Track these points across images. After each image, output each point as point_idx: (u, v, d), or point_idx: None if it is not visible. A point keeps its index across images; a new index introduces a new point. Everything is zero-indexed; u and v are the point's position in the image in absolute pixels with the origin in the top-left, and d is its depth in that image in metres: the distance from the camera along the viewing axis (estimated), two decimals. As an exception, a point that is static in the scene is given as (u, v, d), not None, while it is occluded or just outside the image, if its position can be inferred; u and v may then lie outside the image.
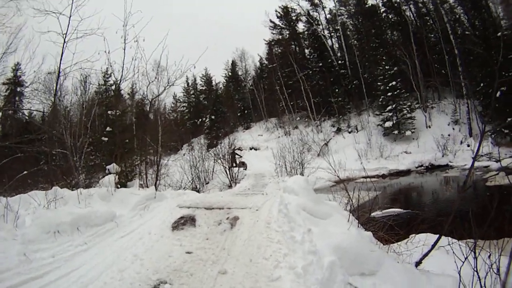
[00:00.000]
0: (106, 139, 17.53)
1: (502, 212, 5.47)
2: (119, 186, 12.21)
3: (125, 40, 13.46)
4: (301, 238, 6.26)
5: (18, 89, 32.71)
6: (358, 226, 7.13)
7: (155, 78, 14.63)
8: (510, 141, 28.25)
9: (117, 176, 12.41)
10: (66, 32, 13.04)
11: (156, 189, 12.68)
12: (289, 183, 8.82)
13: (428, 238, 7.78)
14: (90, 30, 13.06)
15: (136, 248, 6.84)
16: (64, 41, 13.11)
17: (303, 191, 8.19)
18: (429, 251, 6.93)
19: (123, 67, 13.79)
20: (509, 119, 26.70)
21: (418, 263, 6.91)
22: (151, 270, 5.82)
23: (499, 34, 30.49)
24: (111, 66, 13.90)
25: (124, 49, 13.53)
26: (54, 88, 14.76)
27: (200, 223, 8.12)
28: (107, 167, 13.18)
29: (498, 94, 26.89)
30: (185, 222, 8.14)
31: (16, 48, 14.47)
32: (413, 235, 8.32)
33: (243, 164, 31.73)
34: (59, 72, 13.62)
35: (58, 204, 8.70)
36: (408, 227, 8.53)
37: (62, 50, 13.19)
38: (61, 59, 13.33)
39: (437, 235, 7.12)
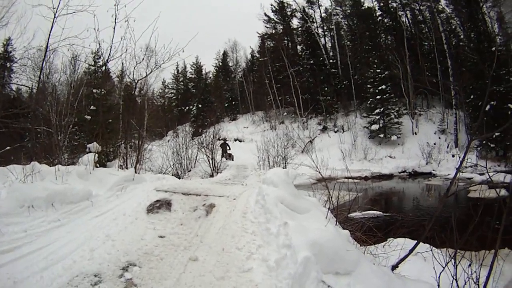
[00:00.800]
0: (89, 117, 17.28)
1: (483, 224, 5.42)
2: (98, 165, 12.07)
3: (115, 19, 13.34)
4: (276, 230, 6.13)
5: (8, 64, 31.93)
6: (336, 224, 7.09)
7: (143, 59, 14.53)
8: (495, 155, 28.46)
9: (96, 155, 12.20)
10: (57, 7, 12.73)
11: (135, 172, 12.69)
12: (269, 175, 8.63)
13: (406, 243, 7.76)
14: (82, 6, 12.73)
15: (109, 229, 6.70)
16: (55, 16, 12.80)
17: (283, 184, 8.04)
18: (406, 255, 6.92)
19: (111, 46, 13.62)
20: (497, 133, 26.68)
21: (394, 267, 6.88)
22: (122, 252, 5.71)
23: (493, 48, 30.65)
24: (99, 44, 13.85)
25: (114, 28, 13.44)
26: (41, 62, 14.44)
27: (175, 208, 8.00)
28: (88, 145, 12.93)
29: (487, 107, 27.26)
30: (160, 205, 8.01)
31: (7, 22, 14.36)
32: (391, 238, 8.26)
33: (229, 156, 31.28)
34: (47, 47, 13.30)
35: (35, 179, 8.74)
36: (386, 230, 8.41)
37: (52, 24, 12.88)
38: (49, 34, 13.03)
39: (415, 241, 7.10)
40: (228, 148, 32.02)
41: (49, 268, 5.11)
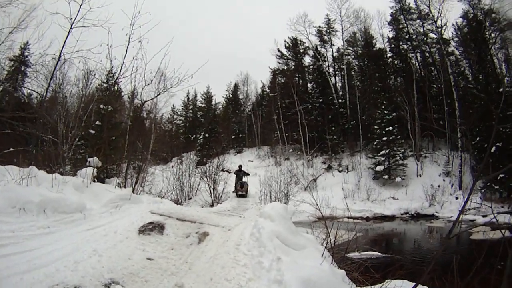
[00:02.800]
0: (94, 132, 17.22)
1: (486, 266, 5.19)
2: (95, 180, 11.97)
3: (129, 38, 13.61)
4: (269, 265, 5.94)
5: (22, 68, 32.21)
6: (332, 263, 6.80)
7: (151, 81, 14.67)
8: (499, 196, 28.27)
9: (95, 170, 12.13)
10: (75, 19, 13.14)
11: (133, 192, 12.53)
12: (267, 209, 8.47)
13: (404, 285, 7.30)
14: (97, 21, 13.04)
15: (98, 244, 6.55)
16: (71, 27, 13.21)
17: (280, 219, 7.86)
18: None
19: (123, 64, 13.88)
20: (501, 175, 26.54)
21: None
22: (107, 268, 5.56)
23: (501, 89, 31.07)
24: (111, 61, 13.90)
25: (127, 47, 13.67)
26: (52, 70, 14.78)
27: (168, 232, 7.87)
28: (88, 159, 12.82)
29: (493, 149, 27.36)
30: (153, 228, 7.86)
31: (27, 26, 14.77)
32: (389, 280, 7.61)
33: (242, 187, 27.87)
34: (60, 56, 13.58)
35: (31, 184, 8.69)
36: (384, 271, 7.89)
37: (67, 35, 13.23)
38: (64, 44, 13.33)
39: (414, 283, 6.56)
40: (243, 174, 29.85)
41: (31, 272, 4.98)
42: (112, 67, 13.73)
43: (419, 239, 21.65)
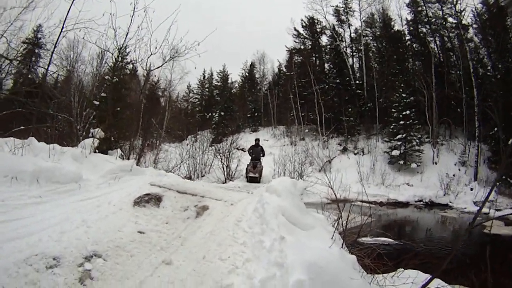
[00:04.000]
0: (98, 103, 16.93)
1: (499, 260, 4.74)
2: (97, 151, 11.70)
3: (134, 7, 13.22)
4: (270, 244, 5.35)
5: (36, 50, 32.44)
6: (342, 247, 6.25)
7: (157, 49, 14.05)
8: (515, 191, 27.64)
9: (97, 141, 11.84)
10: None
11: (138, 164, 12.60)
12: (274, 183, 7.85)
13: (418, 276, 7.00)
14: None
15: (89, 215, 6.28)
16: None
17: (287, 194, 7.18)
18: None
19: (127, 33, 13.51)
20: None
21: None
22: (92, 240, 5.29)
23: None
24: (115, 30, 13.36)
25: (132, 17, 13.30)
26: (55, 42, 13.76)
27: (165, 205, 7.41)
28: (91, 130, 12.52)
29: (510, 142, 26.46)
30: (149, 199, 7.43)
31: (35, 6, 14.32)
32: (401, 269, 7.27)
33: (254, 168, 21.87)
34: (62, 27, 12.93)
35: (28, 153, 8.56)
36: (397, 259, 7.46)
37: (70, 6, 12.57)
38: (67, 15, 12.72)
39: (428, 275, 6.40)
40: (260, 150, 23.06)
41: (13, 241, 4.86)
42: (116, 36, 13.17)
43: (432, 229, 21.04)
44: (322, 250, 5.35)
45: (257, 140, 24.25)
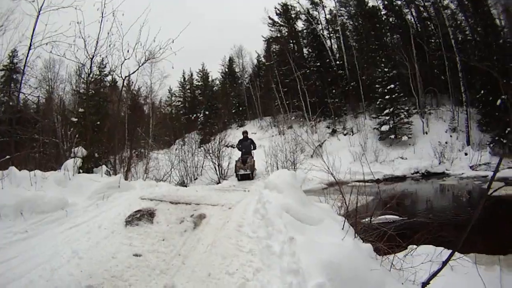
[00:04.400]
0: (76, 119, 16.58)
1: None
2: (81, 171, 11.11)
3: (102, 13, 12.78)
4: (280, 249, 4.90)
5: (14, 76, 31.89)
6: (355, 236, 5.82)
7: (127, 51, 13.50)
8: (509, 151, 27.38)
9: (80, 161, 11.31)
10: (42, 5, 12.55)
11: (126, 179, 11.88)
12: (272, 177, 7.36)
13: (432, 251, 6.67)
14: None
15: (79, 244, 5.86)
16: (39, 13, 12.58)
17: (289, 188, 6.69)
18: (440, 269, 5.67)
19: (97, 41, 12.99)
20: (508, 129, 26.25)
21: (425, 284, 5.68)
22: (86, 274, 4.84)
23: (501, 41, 30.60)
24: (84, 40, 12.77)
25: (101, 22, 12.85)
26: (24, 63, 14.15)
27: (159, 220, 6.86)
28: (73, 149, 12.07)
29: (498, 102, 27.44)
30: (141, 216, 6.88)
31: (5, 31, 14.56)
32: (413, 246, 7.08)
33: (244, 164, 20.72)
34: (30, 44, 12.85)
35: (11, 185, 8.14)
36: (409, 237, 7.21)
37: (35, 21, 12.61)
38: (33, 31, 12.72)
39: (441, 248, 6.39)
40: (250, 143, 22.09)
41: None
42: (86, 46, 12.80)
43: (434, 199, 21.10)
44: (336, 245, 4.95)
45: (245, 133, 23.61)
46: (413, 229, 7.92)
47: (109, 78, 25.85)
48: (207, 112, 52.04)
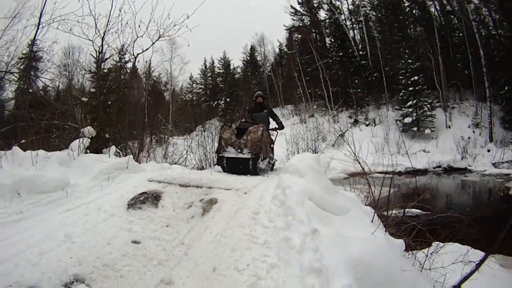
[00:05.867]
0: (86, 99, 16.28)
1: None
2: (88, 151, 10.66)
3: None
4: (300, 242, 4.09)
5: (34, 63, 32.25)
6: (386, 231, 5.11)
7: (139, 27, 13.08)
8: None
9: (88, 141, 10.92)
10: None
11: (137, 160, 11.85)
12: (294, 161, 6.52)
13: (459, 250, 6.33)
14: None
15: (74, 227, 5.26)
16: None
17: (312, 173, 5.85)
18: (472, 272, 5.21)
19: (109, 19, 12.43)
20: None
21: None
22: (75, 260, 4.27)
23: None
24: (95, 18, 12.21)
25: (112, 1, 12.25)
26: (32, 39, 14.14)
27: (165, 203, 6.14)
28: (82, 129, 11.64)
29: None
30: (145, 200, 6.22)
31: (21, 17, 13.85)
32: (438, 243, 6.42)
33: (238, 136, 12.26)
34: (38, 23, 12.70)
35: (11, 165, 7.69)
36: (432, 233, 6.45)
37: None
38: (42, 9, 12.39)
39: (466, 247, 6.21)
40: (268, 122, 13.30)
41: None
42: (96, 24, 12.42)
43: (456, 195, 20.52)
44: (366, 240, 4.23)
45: (259, 97, 13.36)
46: (437, 225, 7.28)
47: (129, 65, 25.64)
48: (228, 99, 53.79)
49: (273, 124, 13.46)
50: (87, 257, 4.31)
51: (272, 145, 12.79)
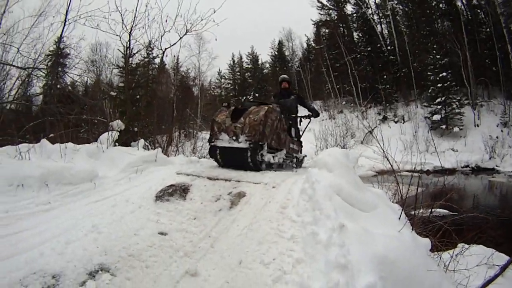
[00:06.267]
0: (115, 93, 16.47)
1: None
2: (117, 144, 10.82)
3: None
4: (327, 237, 4.01)
5: (61, 60, 32.96)
6: (413, 229, 5.04)
7: (166, 21, 13.38)
8: None
9: (117, 134, 11.12)
10: None
11: (166, 154, 11.89)
12: (322, 155, 6.27)
13: (482, 252, 6.31)
14: None
15: (101, 218, 5.25)
16: None
17: (341, 168, 5.72)
18: (496, 276, 5.36)
19: (135, 15, 12.85)
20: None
21: None
22: (101, 249, 4.29)
23: None
24: (121, 13, 12.67)
25: None
26: (59, 36, 14.29)
27: (193, 196, 6.13)
28: (110, 123, 11.79)
29: None
30: (173, 192, 6.22)
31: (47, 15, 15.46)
32: (463, 244, 6.41)
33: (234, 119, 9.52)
34: (65, 20, 12.85)
35: (39, 157, 7.91)
36: (457, 234, 6.40)
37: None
38: (68, 6, 12.64)
39: (491, 249, 6.22)
40: (295, 108, 11.71)
41: (11, 258, 4.05)
42: (123, 20, 12.70)
43: (483, 196, 20.15)
44: (392, 237, 4.18)
45: (284, 82, 11.90)
46: (463, 225, 7.21)
47: (157, 60, 26.05)
48: (257, 94, 53.97)
49: (302, 113, 11.60)
50: (113, 247, 4.34)
51: (292, 134, 10.57)
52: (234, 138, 7.85)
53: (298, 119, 11.44)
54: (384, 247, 3.81)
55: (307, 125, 11.87)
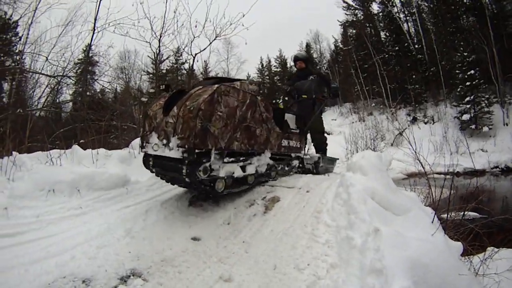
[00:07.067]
0: (145, 99, 16.77)
1: None
2: None
3: None
4: (362, 242, 3.96)
5: (90, 68, 33.66)
6: (445, 233, 4.92)
7: (195, 26, 13.58)
8: None
9: None
10: None
11: None
12: (356, 158, 6.03)
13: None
14: None
15: (134, 223, 5.40)
16: None
17: (375, 171, 5.58)
18: None
19: (164, 21, 13.31)
20: None
21: None
22: (134, 254, 4.45)
23: None
24: (150, 20, 13.21)
25: (166, 2, 13.09)
26: (89, 43, 14.86)
27: (227, 201, 6.14)
28: (141, 129, 11.91)
29: None
30: (207, 197, 6.23)
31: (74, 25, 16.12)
32: (493, 248, 6.25)
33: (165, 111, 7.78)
34: (94, 28, 13.46)
35: (69, 162, 8.04)
36: (487, 237, 6.09)
37: (98, 5, 13.17)
38: (96, 14, 13.28)
39: None
40: (313, 90, 9.76)
41: (41, 262, 4.20)
42: (152, 27, 12.97)
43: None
44: (425, 241, 4.06)
45: (299, 62, 10.16)
46: (492, 228, 7.11)
47: (186, 66, 26.48)
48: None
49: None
50: (146, 252, 4.44)
51: (290, 125, 7.87)
52: (164, 141, 5.01)
53: (316, 106, 9.41)
54: (417, 250, 3.75)
55: (321, 108, 9.61)
